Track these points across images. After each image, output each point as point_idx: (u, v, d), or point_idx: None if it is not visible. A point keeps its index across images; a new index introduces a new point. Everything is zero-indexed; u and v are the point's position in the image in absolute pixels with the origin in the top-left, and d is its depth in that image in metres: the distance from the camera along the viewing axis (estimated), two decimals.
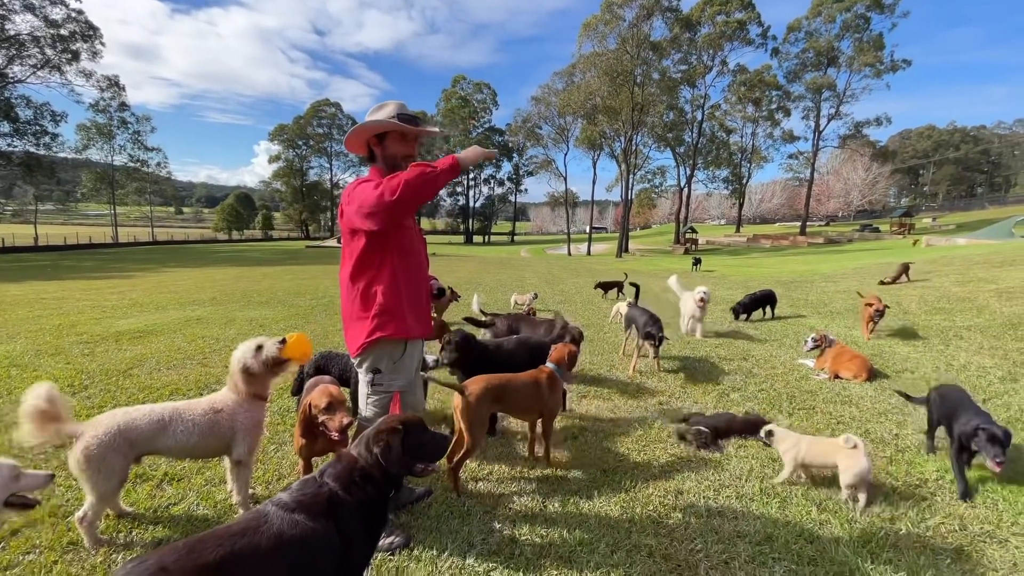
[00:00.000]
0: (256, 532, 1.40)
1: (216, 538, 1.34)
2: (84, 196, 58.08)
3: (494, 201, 75.45)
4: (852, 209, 62.54)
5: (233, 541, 1.34)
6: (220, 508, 2.55)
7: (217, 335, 6.57)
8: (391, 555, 2.20)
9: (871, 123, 48.86)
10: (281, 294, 11.19)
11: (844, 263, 19.31)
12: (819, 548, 2.28)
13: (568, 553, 2.24)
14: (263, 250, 40.54)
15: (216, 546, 1.31)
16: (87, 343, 6.09)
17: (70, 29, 37.12)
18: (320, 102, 72.05)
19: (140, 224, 72.67)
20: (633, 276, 10.25)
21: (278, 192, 76.41)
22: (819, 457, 2.77)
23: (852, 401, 4.19)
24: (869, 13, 43.30)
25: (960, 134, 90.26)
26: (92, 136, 49.28)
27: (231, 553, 1.32)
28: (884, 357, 5.46)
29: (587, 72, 42.05)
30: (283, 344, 2.35)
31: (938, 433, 3.23)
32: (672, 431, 3.55)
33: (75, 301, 9.80)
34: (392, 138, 2.25)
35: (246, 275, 16.76)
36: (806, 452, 2.79)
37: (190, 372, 4.94)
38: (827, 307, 8.99)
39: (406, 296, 2.25)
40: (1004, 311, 7.16)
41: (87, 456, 2.07)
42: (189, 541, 1.33)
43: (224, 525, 1.44)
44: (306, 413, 2.37)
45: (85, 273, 17.66)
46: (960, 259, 13.82)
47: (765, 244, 43.79)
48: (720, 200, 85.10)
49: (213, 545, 1.31)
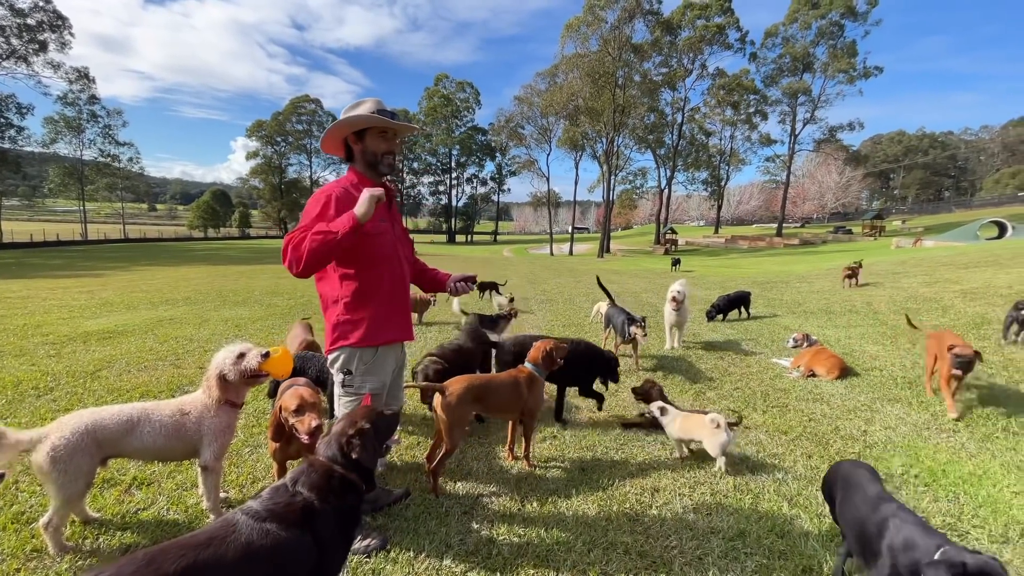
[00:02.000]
0: (223, 542, 1.34)
1: (179, 548, 1.28)
2: (52, 192, 55.82)
3: (477, 200, 75.34)
4: (826, 211, 64.15)
5: (197, 552, 1.28)
6: (192, 513, 2.49)
7: (190, 335, 6.42)
8: (367, 557, 2.18)
9: (844, 128, 50.22)
10: (258, 293, 10.99)
11: (818, 264, 19.79)
12: (789, 542, 2.33)
13: (545, 552, 2.25)
14: (240, 248, 39.72)
15: (178, 557, 1.25)
16: (53, 344, 5.89)
17: (37, 19, 35.91)
18: (300, 98, 70.84)
19: (111, 221, 70.43)
20: (614, 277, 10.33)
21: (256, 189, 74.84)
22: (689, 432, 3.10)
23: (823, 399, 4.30)
24: (843, 20, 44.38)
25: (929, 140, 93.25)
26: (60, 130, 47.48)
27: (194, 565, 1.25)
28: (854, 356, 5.61)
29: (569, 73, 42.24)
30: (266, 357, 2.30)
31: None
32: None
33: (41, 300, 9.47)
34: (372, 135, 2.22)
35: (222, 274, 16.41)
36: (680, 427, 3.11)
37: (162, 373, 4.82)
38: (801, 307, 9.20)
39: (374, 304, 2.22)
40: (968, 311, 7.43)
41: (53, 458, 2.01)
42: (150, 552, 1.27)
43: (189, 534, 1.39)
44: (277, 416, 2.33)
45: (52, 271, 17.08)
46: (928, 261, 14.28)
47: (743, 245, 44.60)
48: (699, 202, 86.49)
49: (175, 556, 1.25)
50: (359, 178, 2.22)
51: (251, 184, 74.43)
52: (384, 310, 2.25)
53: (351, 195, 2.12)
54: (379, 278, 2.24)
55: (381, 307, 2.24)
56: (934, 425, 3.71)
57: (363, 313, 2.19)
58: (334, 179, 2.31)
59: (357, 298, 2.17)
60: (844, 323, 7.49)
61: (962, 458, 3.18)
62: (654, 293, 11.49)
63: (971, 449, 3.31)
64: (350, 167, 2.28)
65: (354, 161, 2.27)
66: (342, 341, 2.19)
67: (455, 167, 71.50)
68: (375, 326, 2.22)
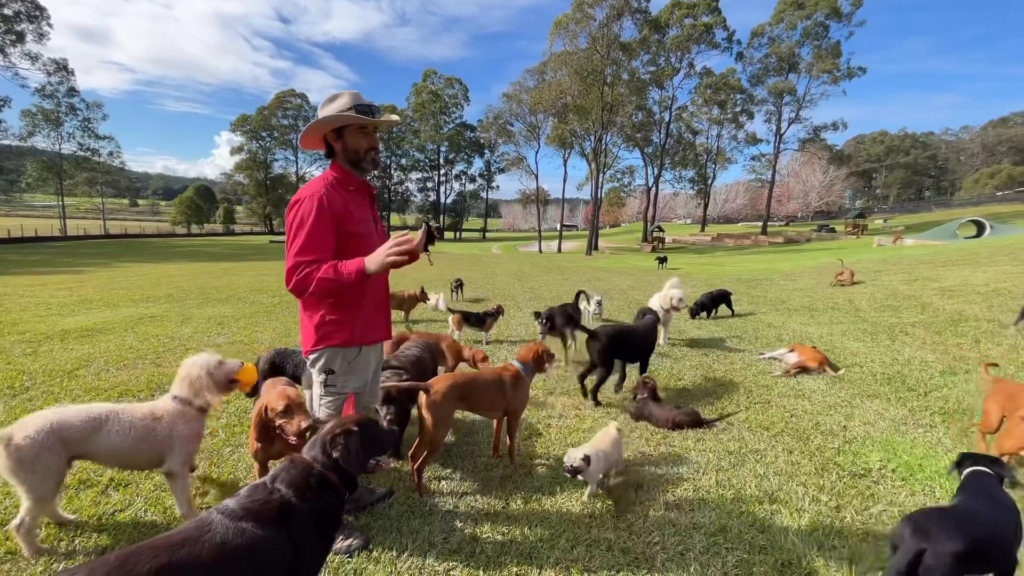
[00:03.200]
0: (197, 542, 1.33)
1: (153, 549, 1.27)
2: (29, 186, 54.66)
3: (465, 197, 75.01)
4: (810, 210, 65.05)
5: (171, 552, 1.27)
6: (169, 514, 2.45)
7: (172, 334, 6.31)
8: (349, 557, 2.17)
9: (828, 127, 50.80)
10: (242, 291, 10.84)
11: (802, 262, 20.07)
12: (770, 537, 2.37)
13: (529, 549, 2.26)
14: (224, 245, 39.17)
15: (152, 558, 1.23)
16: (29, 342, 5.76)
17: (14, 9, 35.04)
18: (285, 92, 69.81)
19: (91, 216, 68.82)
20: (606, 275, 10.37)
21: (240, 185, 73.67)
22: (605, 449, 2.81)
23: (805, 395, 4.36)
24: (828, 21, 44.90)
25: (910, 140, 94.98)
26: (38, 123, 46.19)
27: (168, 565, 1.24)
28: (835, 352, 5.70)
29: (558, 70, 42.21)
30: (241, 368, 2.43)
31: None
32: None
33: (18, 298, 9.25)
34: (351, 132, 2.15)
35: (205, 271, 16.17)
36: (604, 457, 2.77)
37: (142, 372, 4.74)
38: (785, 304, 9.32)
39: (360, 305, 2.19)
40: (946, 308, 7.59)
41: (19, 459, 1.97)
42: (123, 552, 1.25)
43: (163, 535, 1.37)
44: (262, 416, 2.30)
45: (30, 268, 16.69)
46: (908, 259, 14.55)
47: (729, 243, 45.07)
48: (686, 200, 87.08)
49: (149, 557, 1.23)
50: (343, 174, 2.18)
51: (235, 180, 73.30)
52: (368, 310, 2.22)
53: (336, 192, 2.09)
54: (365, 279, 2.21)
55: (366, 308, 2.21)
56: (911, 420, 3.78)
57: (348, 314, 2.16)
58: (320, 174, 2.27)
59: (343, 299, 2.13)
60: (826, 320, 7.61)
61: (939, 453, 3.25)
62: (641, 291, 11.56)
63: (947, 444, 3.38)
64: (333, 162, 2.23)
65: (336, 157, 2.22)
66: (326, 341, 2.15)
67: (443, 164, 71.08)
68: (360, 327, 2.19)
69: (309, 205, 2.01)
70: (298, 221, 2.01)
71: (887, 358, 5.44)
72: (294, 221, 2.03)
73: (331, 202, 2.04)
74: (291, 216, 2.05)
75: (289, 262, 1.99)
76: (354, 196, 2.17)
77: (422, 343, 3.69)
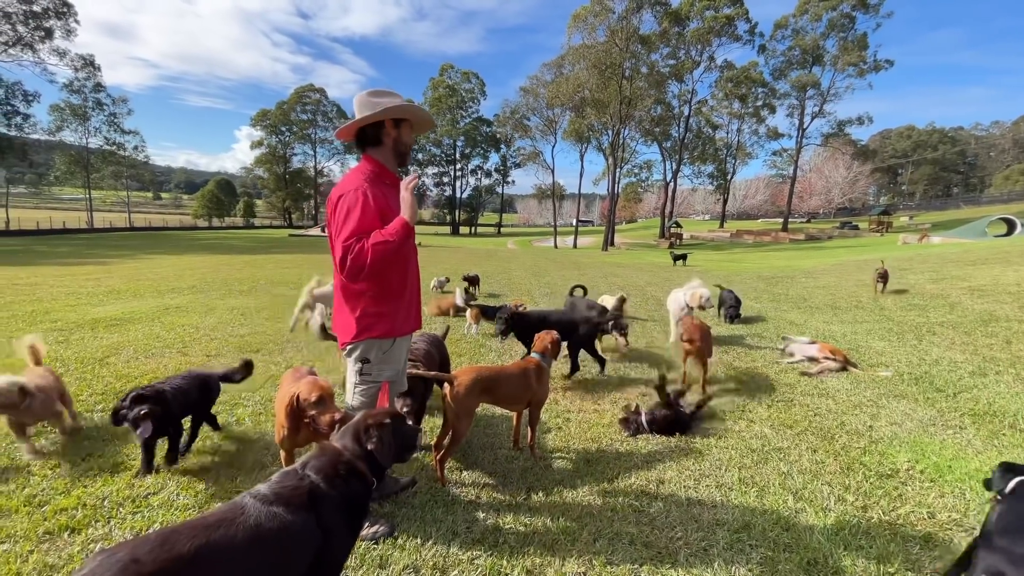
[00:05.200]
0: (232, 524, 1.37)
1: (191, 529, 1.31)
2: (58, 179, 56.01)
3: (481, 192, 74.98)
4: (833, 207, 63.66)
5: (208, 533, 1.31)
6: (201, 498, 2.52)
7: (197, 323, 6.46)
8: (375, 544, 2.20)
9: (853, 122, 49.53)
10: (263, 282, 11.03)
11: (824, 259, 19.68)
12: (795, 535, 2.34)
13: (551, 541, 2.27)
14: (244, 238, 39.82)
15: (191, 537, 1.28)
16: (62, 330, 5.94)
17: (43, 6, 35.79)
18: (304, 87, 70.53)
19: (116, 209, 70.50)
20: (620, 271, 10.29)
21: (260, 179, 74.79)
22: None
23: (829, 394, 4.29)
24: (854, 12, 43.73)
25: (938, 135, 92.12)
26: (66, 117, 47.49)
27: (206, 545, 1.28)
28: (860, 351, 5.59)
29: (576, 64, 41.83)
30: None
31: None
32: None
33: (49, 287, 9.53)
34: (406, 126, 2.22)
35: (227, 263, 16.46)
36: None
37: (169, 360, 4.86)
38: (807, 302, 9.16)
39: (394, 297, 2.23)
40: (975, 308, 7.39)
41: None
42: (163, 532, 1.30)
43: (200, 516, 1.41)
44: (293, 405, 2.33)
45: (59, 259, 17.17)
46: (935, 257, 14.18)
47: (748, 240, 44.37)
48: (705, 195, 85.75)
49: (187, 536, 1.28)
50: (380, 168, 2.21)
51: (255, 174, 74.39)
52: (405, 302, 2.27)
53: (376, 188, 2.12)
54: (404, 272, 2.27)
55: (403, 300, 2.26)
56: (940, 421, 3.70)
57: (389, 306, 2.20)
58: (339, 169, 2.34)
59: (385, 292, 2.18)
60: (850, 319, 7.46)
61: (968, 454, 3.18)
62: (658, 287, 11.47)
63: (977, 445, 3.30)
64: (365, 155, 2.24)
65: (371, 148, 2.24)
66: (366, 334, 2.19)
67: (459, 158, 71.13)
68: (398, 318, 2.23)
69: (354, 198, 2.04)
70: (344, 211, 2.04)
71: (914, 358, 5.32)
72: (340, 213, 2.05)
73: (374, 195, 2.08)
74: (337, 208, 2.07)
75: (338, 251, 2.01)
76: (390, 190, 2.19)
77: (428, 337, 3.71)
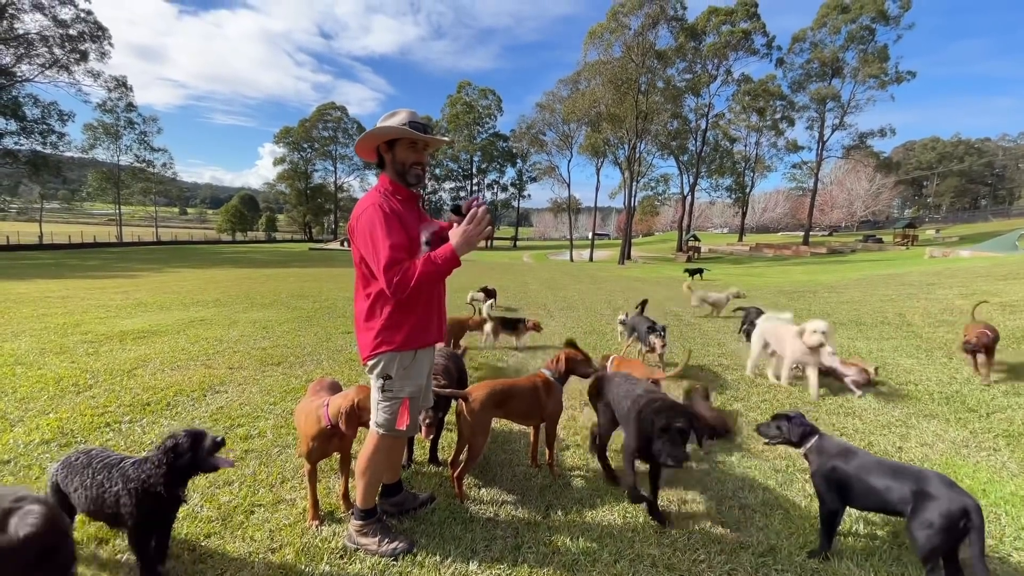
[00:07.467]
0: None
1: None
2: (90, 195, 58.26)
3: (497, 206, 75.53)
4: (855, 220, 62.40)
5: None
6: (224, 510, 2.55)
7: (220, 336, 6.59)
8: (395, 560, 2.20)
9: (875, 134, 48.79)
10: (284, 296, 11.22)
11: (847, 273, 19.28)
12: (822, 560, 2.27)
13: (571, 562, 2.24)
14: (266, 252, 40.67)
15: None
16: (91, 342, 6.11)
17: (79, 29, 37.39)
18: (326, 105, 72.38)
19: (144, 224, 72.86)
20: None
21: (282, 194, 76.66)
22: None
23: (855, 413, 4.18)
24: (874, 25, 43.36)
25: (964, 146, 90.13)
26: (99, 136, 49.60)
27: None
28: (888, 369, 5.44)
29: (592, 80, 42.17)
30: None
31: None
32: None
33: (80, 300, 9.84)
34: (402, 145, 2.24)
35: (249, 276, 16.81)
36: None
37: (193, 373, 4.96)
38: (830, 317, 8.96)
39: (420, 308, 2.24)
40: (1008, 324, 7.14)
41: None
42: None
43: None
44: (355, 410, 2.34)
45: (90, 272, 17.73)
46: (964, 271, 13.79)
47: (768, 253, 43.75)
48: (723, 209, 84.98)
49: None
50: (392, 186, 2.26)
51: (278, 189, 76.31)
52: (426, 314, 2.28)
53: (392, 202, 2.18)
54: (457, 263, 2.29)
55: (425, 311, 2.27)
56: (973, 443, 3.58)
57: (409, 318, 2.22)
58: (358, 184, 2.38)
59: (407, 303, 2.20)
60: (876, 335, 7.27)
61: (1003, 478, 3.06)
62: (677, 302, 11.35)
63: (1012, 469, 3.18)
64: (382, 174, 2.31)
65: (385, 168, 2.30)
66: (385, 346, 2.21)
67: (476, 173, 71.90)
68: (417, 330, 2.24)
69: (372, 214, 2.09)
70: (369, 228, 2.08)
71: (944, 376, 5.16)
72: (365, 232, 2.09)
73: (390, 207, 2.13)
74: (359, 229, 2.12)
75: (381, 266, 2.03)
76: (404, 204, 2.23)
77: (445, 351, 3.73)
